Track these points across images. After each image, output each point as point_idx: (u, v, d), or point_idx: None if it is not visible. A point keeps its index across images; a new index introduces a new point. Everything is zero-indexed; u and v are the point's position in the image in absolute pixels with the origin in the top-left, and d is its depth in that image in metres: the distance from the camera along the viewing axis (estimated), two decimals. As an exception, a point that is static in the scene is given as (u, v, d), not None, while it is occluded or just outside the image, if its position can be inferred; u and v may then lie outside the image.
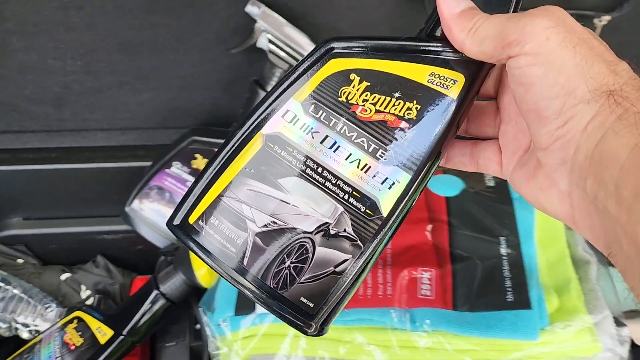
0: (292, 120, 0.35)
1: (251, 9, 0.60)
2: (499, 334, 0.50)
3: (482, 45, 0.31)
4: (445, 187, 0.60)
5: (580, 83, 0.27)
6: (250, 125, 0.36)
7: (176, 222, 0.37)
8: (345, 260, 0.34)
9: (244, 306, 0.61)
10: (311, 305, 0.34)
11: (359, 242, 0.34)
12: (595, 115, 0.27)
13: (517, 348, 0.50)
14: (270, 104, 0.36)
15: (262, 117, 0.36)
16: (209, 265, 0.35)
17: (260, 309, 0.60)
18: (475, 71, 0.33)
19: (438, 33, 0.34)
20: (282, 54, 0.61)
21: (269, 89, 0.64)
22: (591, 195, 0.27)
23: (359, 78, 0.34)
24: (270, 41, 0.61)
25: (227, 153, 0.36)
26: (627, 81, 0.27)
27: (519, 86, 0.29)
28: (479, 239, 0.56)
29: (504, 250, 0.54)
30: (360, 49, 0.34)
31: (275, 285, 0.34)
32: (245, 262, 0.35)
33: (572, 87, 0.27)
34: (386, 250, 0.57)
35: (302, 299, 0.34)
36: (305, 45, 0.60)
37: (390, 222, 0.34)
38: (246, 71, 0.69)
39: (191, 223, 0.36)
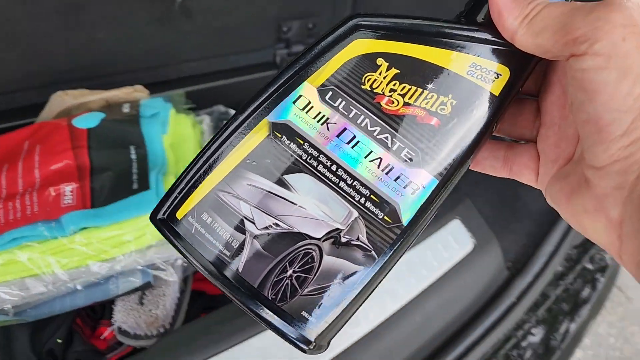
0: (305, 107, 0.30)
1: None
2: (128, 214, 0.62)
3: (539, 37, 0.26)
4: (87, 121, 0.72)
5: None
6: (256, 110, 0.31)
7: (161, 215, 0.32)
8: (355, 272, 0.30)
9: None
10: (313, 320, 0.30)
11: (373, 252, 0.29)
12: None
13: (144, 221, 0.62)
14: (280, 87, 0.31)
15: (269, 101, 0.31)
16: (197, 269, 0.30)
17: None
18: (523, 65, 0.29)
19: (482, 18, 0.29)
20: None
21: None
22: None
23: (387, 64, 0.29)
24: None
25: (226, 139, 0.31)
26: None
27: (581, 92, 0.25)
28: (113, 152, 0.68)
29: (133, 155, 0.68)
30: (392, 29, 0.29)
31: (273, 297, 0.30)
32: (240, 268, 0.30)
33: None
34: (33, 177, 0.66)
35: (303, 312, 0.30)
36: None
37: (411, 232, 0.29)
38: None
39: (179, 218, 0.31)
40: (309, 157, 0.30)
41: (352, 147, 0.29)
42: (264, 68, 1.01)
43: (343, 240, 0.29)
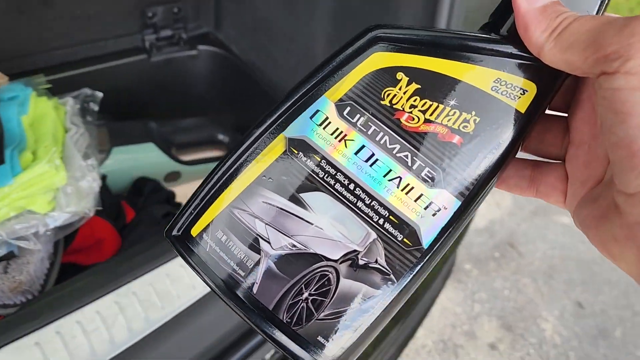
0: (322, 123, 0.29)
1: None
2: None
3: (568, 52, 0.24)
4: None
5: None
6: (272, 124, 0.30)
7: (176, 232, 0.31)
8: (373, 297, 0.28)
9: None
10: (329, 346, 0.29)
11: (392, 276, 0.28)
12: None
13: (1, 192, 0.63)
14: (296, 101, 0.30)
15: (286, 115, 0.30)
16: (211, 289, 0.30)
17: None
18: (551, 81, 0.27)
19: (507, 30, 0.28)
20: None
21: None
22: None
23: (408, 78, 0.28)
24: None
25: (241, 154, 0.30)
26: None
27: (611, 113, 0.23)
28: None
29: None
30: (412, 42, 0.28)
31: (288, 320, 0.29)
32: (255, 289, 0.29)
33: None
34: None
35: (319, 338, 0.29)
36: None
37: (431, 255, 0.28)
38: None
39: (194, 235, 0.31)
40: (326, 174, 0.29)
41: (371, 166, 0.28)
42: (132, 53, 1.01)
43: (361, 262, 0.28)
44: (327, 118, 0.29)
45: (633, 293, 1.67)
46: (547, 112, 0.30)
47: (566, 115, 0.30)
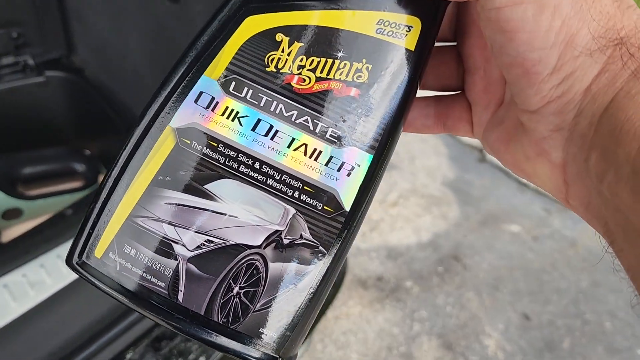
0: (209, 105, 0.26)
1: None
2: None
3: None
4: None
5: (581, 27, 0.21)
6: (154, 118, 0.27)
7: (77, 258, 0.28)
8: (307, 273, 0.27)
9: None
10: (274, 335, 0.27)
11: (320, 247, 0.27)
12: (602, 70, 0.21)
13: None
14: (174, 88, 0.27)
15: (168, 105, 0.27)
16: (134, 310, 0.27)
17: None
18: (433, 11, 0.26)
19: (379, -34, 0.26)
20: None
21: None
22: (595, 173, 0.22)
23: (288, 38, 0.26)
24: None
25: (127, 159, 0.27)
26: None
27: (498, 33, 0.22)
28: None
29: None
30: None
31: (224, 321, 0.27)
32: (180, 297, 0.27)
33: (570, 33, 0.21)
34: None
35: (261, 329, 0.27)
36: None
37: (355, 216, 0.27)
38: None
39: (99, 257, 0.27)
40: (227, 159, 0.26)
41: (272, 139, 0.26)
42: None
43: (285, 241, 0.27)
44: (213, 98, 0.26)
45: (583, 301, 1.56)
46: (436, 44, 0.29)
47: (455, 44, 0.30)
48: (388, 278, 1.56)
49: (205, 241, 0.27)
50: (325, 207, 0.27)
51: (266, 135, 0.26)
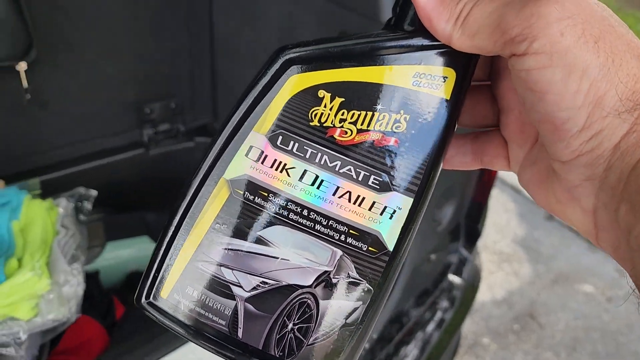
0: (259, 158, 0.29)
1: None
2: None
3: (476, 39, 0.25)
4: None
5: (608, 89, 0.22)
6: (209, 171, 0.29)
7: (145, 299, 0.31)
8: (355, 309, 0.29)
9: None
10: None
11: (367, 284, 0.29)
12: (629, 130, 0.22)
13: None
14: (226, 143, 0.29)
15: (221, 159, 0.29)
16: (198, 345, 0.30)
17: None
18: (467, 62, 0.28)
19: (411, 24, 0.28)
20: None
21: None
22: (624, 225, 0.23)
23: (330, 94, 0.28)
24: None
25: (186, 209, 0.30)
26: None
27: (529, 92, 0.24)
28: None
29: None
30: (324, 57, 0.28)
31: (281, 354, 0.29)
32: (239, 333, 0.29)
33: (598, 95, 0.22)
34: None
35: None
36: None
37: (398, 255, 0.29)
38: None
39: (165, 297, 0.30)
40: (278, 207, 0.29)
41: (318, 188, 0.28)
42: (130, 148, 1.02)
43: (334, 281, 0.29)
44: (262, 152, 0.29)
45: (662, 364, 1.54)
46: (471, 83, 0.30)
47: (489, 83, 0.31)
48: (465, 334, 1.53)
49: (260, 283, 0.29)
50: (370, 248, 0.29)
51: (313, 184, 0.28)
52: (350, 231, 0.29)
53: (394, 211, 0.28)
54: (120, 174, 1.01)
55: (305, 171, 0.28)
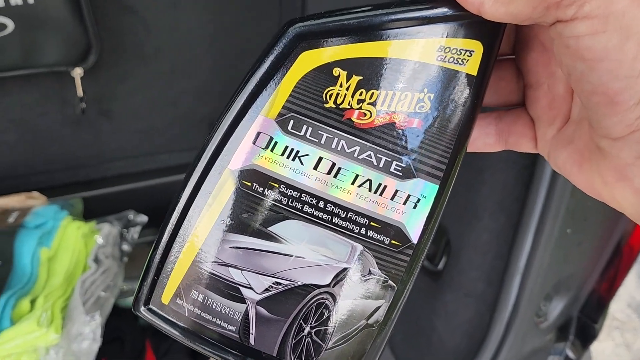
0: (268, 145, 0.26)
1: None
2: None
3: (512, 5, 0.22)
4: None
5: None
6: (211, 162, 0.26)
7: (144, 305, 0.28)
8: (378, 308, 0.27)
9: None
10: None
11: (390, 281, 0.27)
12: None
13: None
14: (230, 129, 0.26)
15: (225, 148, 0.26)
16: (207, 355, 0.27)
17: None
18: (494, 33, 0.25)
19: (436, -10, 0.25)
20: None
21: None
22: None
23: (346, 72, 0.25)
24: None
25: (187, 204, 0.27)
26: None
27: (579, 61, 0.21)
28: None
29: None
30: (339, 31, 0.25)
31: (298, 360, 0.27)
32: (251, 340, 0.27)
33: None
34: None
35: None
36: None
37: (423, 247, 0.27)
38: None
39: (166, 303, 0.27)
40: (290, 200, 0.26)
41: (335, 176, 0.26)
42: None
43: (354, 278, 0.26)
44: (271, 138, 0.26)
45: None
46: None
47: (512, 56, 0.28)
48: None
49: (273, 283, 0.26)
50: (392, 241, 0.26)
51: (329, 173, 0.26)
52: (371, 223, 0.26)
53: (418, 200, 0.26)
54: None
55: (320, 158, 0.26)
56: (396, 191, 0.26)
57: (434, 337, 0.65)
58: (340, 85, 0.25)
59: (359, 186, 0.26)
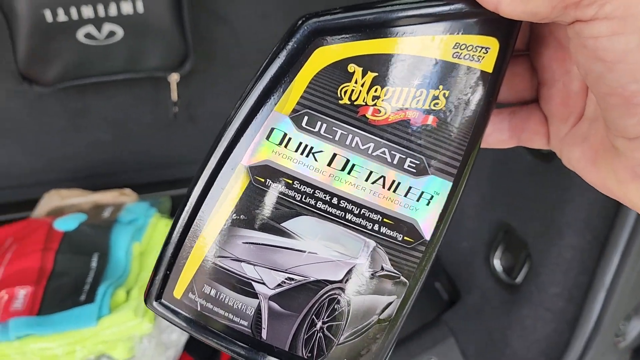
0: (281, 141, 0.26)
1: None
2: (67, 326, 0.61)
3: (530, 3, 0.22)
4: (68, 223, 0.72)
5: None
6: (225, 156, 0.26)
7: (156, 299, 0.28)
8: (389, 304, 0.27)
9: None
10: None
11: (402, 278, 0.27)
12: None
13: (80, 335, 0.61)
14: (244, 125, 0.26)
15: (238, 143, 0.26)
16: (219, 349, 0.27)
17: None
18: (511, 30, 0.25)
19: (452, -15, 0.25)
20: None
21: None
22: None
23: (362, 69, 0.25)
24: None
25: (199, 199, 0.27)
26: None
27: (596, 62, 0.21)
28: (76, 259, 0.68)
29: (94, 263, 0.68)
30: (354, 27, 0.25)
31: (309, 355, 0.27)
32: (263, 334, 0.27)
33: None
34: None
35: None
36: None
37: (436, 243, 0.27)
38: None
39: (179, 298, 0.27)
40: (304, 196, 0.26)
41: (349, 173, 0.26)
42: None
43: (367, 274, 0.26)
44: (285, 134, 0.26)
45: None
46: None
47: (526, 53, 0.28)
48: None
49: (285, 279, 0.26)
50: (405, 238, 0.26)
51: (343, 169, 0.26)
52: (384, 220, 0.26)
53: (432, 197, 0.26)
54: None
55: (334, 155, 0.26)
56: (410, 188, 0.26)
57: (508, 351, 0.65)
58: (355, 82, 0.25)
59: (373, 183, 0.26)
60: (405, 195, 0.26)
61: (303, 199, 0.26)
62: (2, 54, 0.69)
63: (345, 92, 0.25)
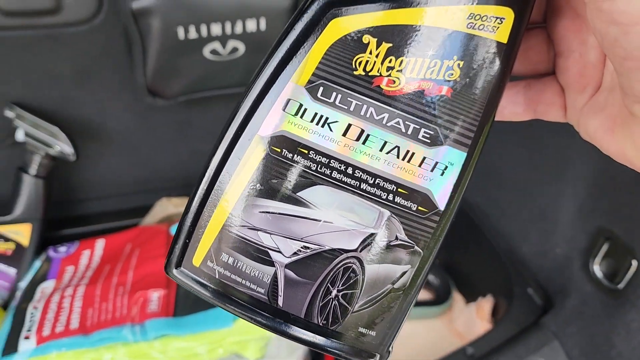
0: (297, 112, 0.26)
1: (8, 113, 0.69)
2: (205, 327, 0.64)
3: None
4: None
5: None
6: (242, 128, 0.27)
7: (176, 267, 0.29)
8: (404, 273, 0.27)
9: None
10: (373, 333, 0.28)
11: (416, 247, 0.27)
12: None
13: (218, 335, 0.64)
14: (260, 96, 0.27)
15: (255, 114, 0.27)
16: (237, 315, 0.28)
17: (23, 346, 0.63)
18: (526, 0, 0.25)
19: (466, -45, 0.25)
20: (37, 143, 0.70)
21: (32, 172, 0.73)
22: None
23: (376, 39, 0.25)
24: (26, 134, 0.70)
25: (217, 169, 0.27)
26: None
27: (612, 26, 0.21)
28: None
29: None
30: None
31: (324, 322, 0.27)
32: (280, 302, 0.27)
33: None
34: (126, 279, 0.71)
35: (361, 329, 0.28)
36: (57, 132, 0.70)
37: (448, 214, 0.27)
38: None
39: (197, 266, 0.28)
40: (319, 165, 0.26)
41: (364, 143, 0.26)
42: None
43: (381, 244, 0.27)
44: (301, 105, 0.26)
45: None
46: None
47: (544, 25, 0.28)
48: None
49: (301, 247, 0.27)
50: (419, 208, 0.27)
51: (357, 140, 0.26)
52: (399, 190, 0.26)
53: (446, 167, 0.26)
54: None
55: (349, 125, 0.26)
56: (424, 158, 0.26)
57: (613, 352, 0.65)
58: (370, 53, 0.25)
59: (387, 153, 0.26)
60: (420, 165, 0.26)
61: (318, 169, 0.26)
62: (132, 68, 0.72)
63: (360, 63, 0.25)
